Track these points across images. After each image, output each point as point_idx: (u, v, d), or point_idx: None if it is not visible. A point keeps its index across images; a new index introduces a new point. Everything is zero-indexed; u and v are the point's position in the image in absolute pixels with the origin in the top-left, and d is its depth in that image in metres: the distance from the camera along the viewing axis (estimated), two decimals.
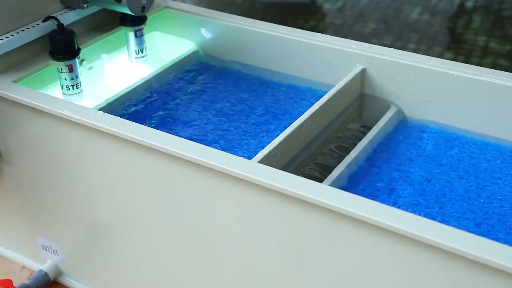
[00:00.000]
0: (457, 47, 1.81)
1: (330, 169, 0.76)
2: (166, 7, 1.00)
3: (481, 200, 0.71)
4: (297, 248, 0.64)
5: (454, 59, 1.73)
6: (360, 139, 0.80)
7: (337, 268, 0.62)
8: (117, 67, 0.96)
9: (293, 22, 2.01)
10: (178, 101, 0.92)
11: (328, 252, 0.62)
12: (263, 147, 0.72)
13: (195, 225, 0.72)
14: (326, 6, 2.13)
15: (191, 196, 0.70)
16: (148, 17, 0.94)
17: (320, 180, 0.75)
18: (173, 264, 0.77)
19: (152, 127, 0.74)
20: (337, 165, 0.76)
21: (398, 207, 0.71)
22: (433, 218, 0.69)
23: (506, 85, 0.77)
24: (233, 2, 2.18)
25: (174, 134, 0.70)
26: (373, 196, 0.73)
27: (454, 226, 0.67)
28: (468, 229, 0.67)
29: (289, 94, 0.92)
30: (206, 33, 0.99)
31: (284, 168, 0.75)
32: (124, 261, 0.82)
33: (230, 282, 0.72)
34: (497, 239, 0.65)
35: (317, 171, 0.79)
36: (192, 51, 0.99)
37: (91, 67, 0.92)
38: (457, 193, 0.72)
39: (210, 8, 1.00)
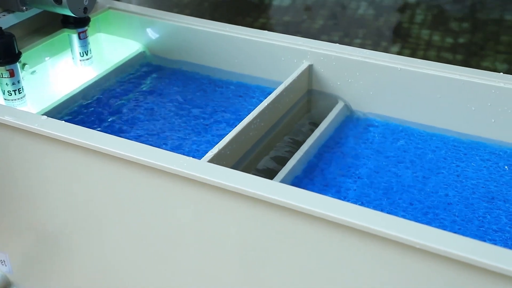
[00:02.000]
0: (402, 41, 1.86)
1: (281, 165, 0.76)
2: (109, 8, 0.98)
3: (427, 190, 0.73)
4: (251, 245, 0.65)
5: (400, 53, 1.77)
6: (309, 135, 0.81)
7: (292, 263, 0.63)
8: (61, 71, 0.94)
9: (242, 21, 2.01)
10: (125, 103, 0.90)
11: (281, 248, 0.63)
12: (213, 147, 0.72)
13: (148, 228, 0.71)
14: (275, 3, 2.14)
15: (142, 199, 0.69)
16: (91, 19, 0.92)
17: (271, 176, 0.75)
18: (127, 269, 0.76)
19: (99, 131, 0.73)
20: (287, 161, 0.76)
21: (348, 200, 0.72)
22: (382, 209, 0.70)
23: (448, 77, 0.79)
24: (180, 2, 2.16)
25: (122, 137, 0.69)
26: (323, 190, 0.74)
27: (402, 216, 0.69)
28: (415, 219, 0.69)
29: (238, 93, 0.92)
30: (152, 34, 0.98)
31: (235, 166, 0.75)
32: (75, 269, 0.81)
33: (187, 282, 0.72)
34: (443, 227, 0.67)
35: (268, 168, 0.80)
36: (139, 52, 0.98)
37: (34, 71, 0.90)
38: (404, 183, 0.74)
39: (157, 8, 0.99)
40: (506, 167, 0.75)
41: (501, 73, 0.77)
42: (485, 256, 0.51)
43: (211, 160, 0.70)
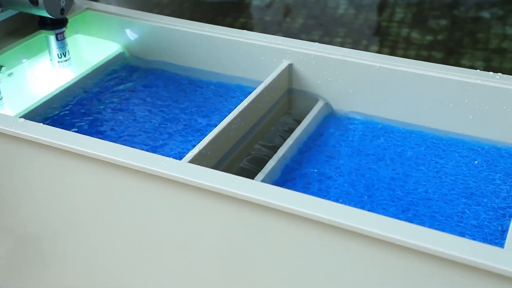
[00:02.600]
0: (382, 39, 1.87)
1: (262, 165, 0.76)
2: (87, 8, 0.97)
3: (407, 187, 0.73)
4: (233, 244, 0.65)
5: (379, 51, 1.78)
6: (290, 134, 0.81)
7: (274, 262, 0.63)
8: (39, 72, 0.93)
9: (222, 20, 2.01)
10: (105, 104, 0.90)
11: (263, 247, 0.63)
12: (194, 147, 0.72)
13: (130, 230, 0.71)
14: (255, 3, 2.15)
15: (123, 201, 0.69)
16: (69, 20, 0.91)
17: (252, 176, 0.75)
18: (109, 270, 0.76)
19: (78, 132, 0.72)
20: (268, 160, 0.76)
21: (329, 198, 0.72)
22: (363, 207, 0.71)
23: (426, 75, 0.80)
24: (160, 2, 2.15)
25: (102, 138, 0.68)
26: (304, 189, 0.74)
27: (383, 213, 0.69)
28: (395, 216, 0.69)
29: (218, 92, 0.92)
30: (131, 34, 0.97)
31: (216, 166, 0.75)
32: (57, 271, 0.80)
33: (169, 283, 0.72)
34: (423, 223, 0.68)
35: (249, 168, 0.80)
36: (118, 53, 0.98)
37: (11, 74, 0.89)
38: (385, 181, 0.75)
39: (137, 9, 0.99)
40: (476, 161, 0.76)
41: (478, 70, 0.78)
42: (465, 252, 0.51)
43: (192, 161, 0.69)
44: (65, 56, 0.92)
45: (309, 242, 0.59)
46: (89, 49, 0.99)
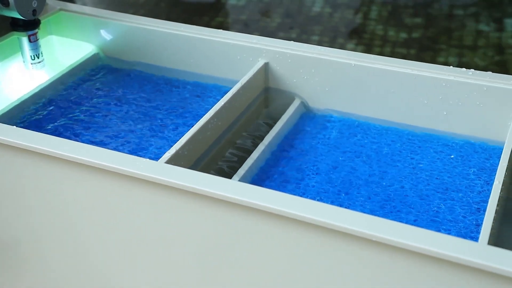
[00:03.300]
0: (358, 37, 1.88)
1: (239, 164, 0.76)
2: (61, 9, 0.96)
3: (384, 183, 0.74)
4: (212, 245, 0.64)
5: (356, 49, 1.80)
6: (267, 133, 0.82)
7: (253, 261, 0.63)
8: (12, 75, 0.92)
9: (198, 20, 2.00)
10: (80, 106, 0.89)
11: (243, 247, 0.63)
12: (171, 147, 0.71)
13: (107, 232, 0.70)
14: (231, 2, 2.14)
15: (99, 203, 0.68)
16: (42, 21, 0.90)
17: (229, 175, 0.75)
18: (86, 272, 0.75)
19: (53, 135, 0.71)
20: (246, 159, 0.76)
21: (307, 196, 0.72)
22: (341, 204, 0.71)
23: (400, 71, 0.80)
24: (136, 2, 2.14)
25: (77, 141, 0.68)
26: (282, 188, 0.74)
27: (360, 210, 0.70)
28: (373, 212, 0.70)
29: (195, 92, 0.92)
30: (106, 35, 0.97)
31: (193, 166, 0.75)
32: (36, 276, 0.79)
33: (148, 283, 0.71)
34: (400, 219, 0.68)
35: (227, 167, 0.80)
36: (93, 53, 0.97)
37: None
38: (362, 178, 0.75)
39: (113, 9, 0.98)
40: (451, 156, 0.77)
41: (451, 67, 0.79)
42: (440, 246, 0.52)
43: (169, 161, 0.69)
44: (38, 57, 0.90)
45: (287, 240, 0.60)
46: (63, 50, 0.98)
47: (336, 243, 0.57)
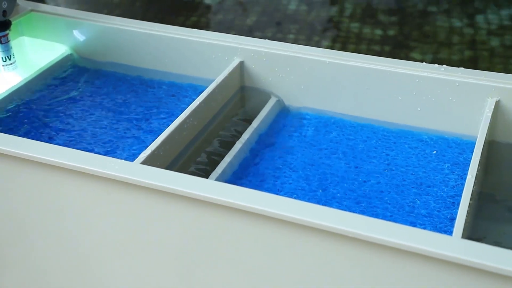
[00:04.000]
0: (334, 35, 1.89)
1: (216, 163, 0.76)
2: (32, 10, 0.95)
3: (360, 179, 0.75)
4: (190, 244, 0.64)
5: (332, 47, 1.81)
6: (243, 131, 0.82)
7: (231, 260, 0.63)
8: None
9: (174, 20, 1.99)
10: (54, 107, 0.88)
11: (220, 245, 0.63)
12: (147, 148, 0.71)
13: (83, 234, 0.69)
14: (207, 1, 2.14)
15: (76, 205, 0.68)
16: (13, 22, 0.89)
17: (206, 175, 0.75)
18: (58, 274, 0.74)
19: (26, 137, 0.70)
20: (223, 158, 0.76)
21: (284, 194, 0.73)
22: (317, 201, 0.71)
23: (374, 68, 0.81)
24: (111, 2, 2.12)
25: (52, 143, 0.67)
26: (259, 186, 0.74)
27: (336, 206, 0.70)
28: (349, 208, 0.70)
29: (170, 92, 0.91)
30: (79, 35, 0.96)
31: (170, 166, 0.75)
32: (15, 279, 0.78)
33: (124, 284, 0.71)
34: (376, 215, 0.69)
35: (204, 166, 0.79)
36: (66, 54, 0.96)
37: None
38: (338, 174, 0.76)
39: (87, 9, 0.97)
40: (434, 151, 0.78)
41: (424, 63, 0.79)
42: (415, 241, 0.53)
43: (144, 162, 0.69)
44: (10, 59, 0.89)
45: (264, 238, 0.60)
46: (35, 51, 0.96)
47: (312, 240, 0.57)
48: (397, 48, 1.78)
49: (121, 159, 0.65)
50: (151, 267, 0.68)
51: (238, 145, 0.79)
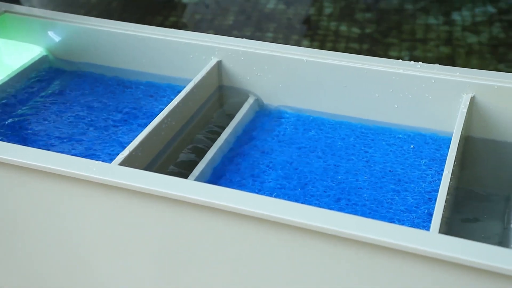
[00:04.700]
0: (312, 33, 1.90)
1: (195, 163, 0.76)
2: (5, 11, 0.93)
3: (339, 177, 0.75)
4: (170, 246, 0.64)
5: (310, 45, 1.81)
6: (222, 131, 0.81)
7: (211, 261, 0.63)
8: None
9: (152, 20, 1.98)
10: (29, 109, 0.87)
11: (200, 246, 0.63)
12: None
13: (62, 238, 0.69)
14: (185, 1, 2.13)
15: (53, 209, 0.67)
16: None
17: (185, 175, 0.75)
18: (43, 277, 0.73)
19: (2, 140, 0.69)
20: (202, 158, 0.76)
21: (263, 193, 0.73)
22: (297, 200, 0.72)
23: (351, 66, 0.81)
24: (88, 2, 2.10)
25: (27, 145, 0.66)
26: (239, 185, 0.74)
27: (316, 204, 0.71)
28: (328, 206, 0.71)
29: (148, 92, 0.91)
30: (54, 36, 0.95)
31: (148, 167, 0.74)
32: None
33: (105, 285, 0.70)
34: (355, 212, 0.69)
35: (183, 166, 0.79)
36: (41, 56, 0.94)
37: None
38: (317, 172, 0.76)
39: (63, 10, 0.96)
40: (412, 146, 0.79)
41: (400, 60, 0.80)
42: (393, 237, 0.53)
43: (122, 163, 0.68)
44: None
45: (245, 238, 0.60)
46: (9, 53, 0.95)
47: (292, 238, 0.57)
48: (375, 46, 1.80)
49: (99, 161, 0.65)
50: (131, 268, 0.68)
51: (217, 145, 0.78)
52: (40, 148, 0.67)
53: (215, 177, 0.76)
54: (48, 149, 0.76)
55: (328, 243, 0.56)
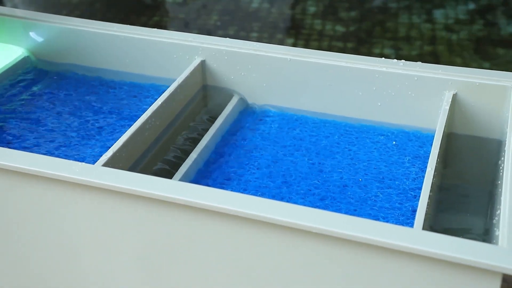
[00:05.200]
0: (297, 32, 1.90)
1: (179, 163, 0.76)
2: None
3: (324, 175, 0.75)
4: (155, 246, 0.64)
5: (295, 44, 1.82)
6: (206, 130, 0.81)
7: (196, 261, 0.63)
8: None
9: (136, 20, 1.97)
10: (11, 111, 0.86)
11: (185, 246, 0.62)
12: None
13: (46, 239, 0.68)
14: (169, 0, 2.12)
15: (37, 210, 0.66)
16: None
17: (170, 175, 0.74)
18: (29, 279, 0.73)
19: None
20: (186, 158, 0.76)
21: (248, 192, 0.73)
22: (282, 198, 0.72)
23: (335, 65, 0.82)
24: (70, 3, 2.08)
25: (9, 147, 0.66)
26: (224, 185, 0.74)
27: (301, 203, 0.71)
28: (313, 204, 0.71)
29: (132, 93, 0.90)
30: (36, 37, 0.94)
31: (132, 168, 0.74)
32: None
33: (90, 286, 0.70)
34: (339, 210, 0.70)
35: (167, 167, 0.79)
36: (22, 57, 0.94)
37: None
38: (302, 171, 0.76)
39: (45, 11, 0.95)
40: (394, 142, 0.79)
41: (383, 58, 0.81)
42: (377, 234, 0.53)
43: (106, 164, 0.68)
44: None
45: (229, 237, 0.60)
46: None
47: (278, 237, 0.57)
48: (359, 44, 1.81)
49: (83, 162, 0.64)
50: (116, 268, 0.67)
51: (201, 144, 0.78)
52: (22, 150, 0.66)
53: (200, 176, 0.75)
54: (31, 151, 0.76)
55: (313, 241, 0.56)
